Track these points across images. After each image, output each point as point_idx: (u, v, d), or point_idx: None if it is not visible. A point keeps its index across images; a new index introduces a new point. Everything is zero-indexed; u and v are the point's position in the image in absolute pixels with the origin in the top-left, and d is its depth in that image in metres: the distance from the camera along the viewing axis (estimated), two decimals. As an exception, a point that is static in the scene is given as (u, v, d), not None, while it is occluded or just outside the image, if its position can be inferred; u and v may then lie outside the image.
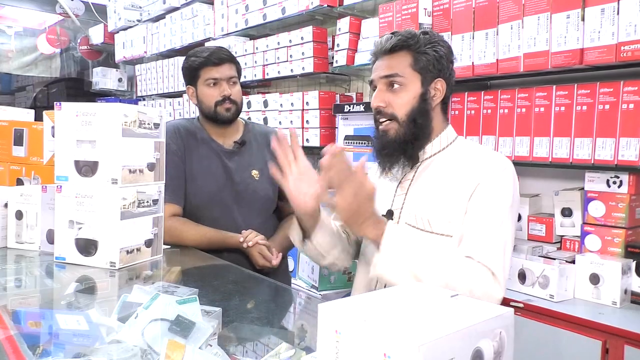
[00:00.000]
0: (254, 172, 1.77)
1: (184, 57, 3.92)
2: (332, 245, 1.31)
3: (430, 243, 1.15)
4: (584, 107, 1.61)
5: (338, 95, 2.73)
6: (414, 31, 1.22)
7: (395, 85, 1.19)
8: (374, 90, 1.24)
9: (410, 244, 1.09)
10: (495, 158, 1.18)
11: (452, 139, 1.25)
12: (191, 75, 1.77)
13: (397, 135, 1.20)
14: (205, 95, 1.74)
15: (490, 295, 1.05)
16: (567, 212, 1.80)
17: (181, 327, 0.79)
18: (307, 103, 2.69)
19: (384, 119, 1.22)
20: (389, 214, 1.27)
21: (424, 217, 1.19)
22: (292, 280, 2.15)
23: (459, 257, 1.09)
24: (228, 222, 1.71)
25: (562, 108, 1.67)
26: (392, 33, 1.24)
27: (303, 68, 2.71)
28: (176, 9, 3.74)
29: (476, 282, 1.05)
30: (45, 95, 5.96)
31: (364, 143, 2.42)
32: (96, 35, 4.99)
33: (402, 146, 1.20)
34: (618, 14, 1.49)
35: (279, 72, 2.87)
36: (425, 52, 1.19)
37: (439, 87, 1.21)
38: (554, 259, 1.70)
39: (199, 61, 1.73)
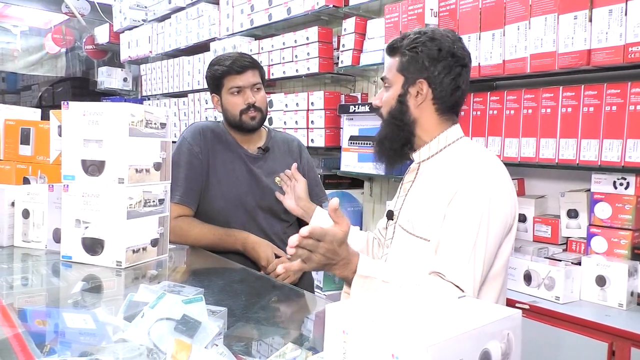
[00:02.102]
0: (278, 179, 1.78)
1: (189, 57, 3.95)
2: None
3: (398, 271, 1.14)
4: (591, 109, 1.61)
5: (343, 95, 2.73)
6: (412, 32, 1.24)
7: (387, 86, 1.26)
8: None
9: (378, 278, 1.09)
10: (478, 168, 1.14)
11: (451, 141, 1.22)
12: (215, 84, 1.77)
13: (380, 133, 1.29)
14: (230, 103, 1.74)
15: None
16: (573, 214, 1.79)
17: (187, 326, 0.79)
18: (312, 103, 2.69)
19: (380, 117, 1.30)
20: (390, 215, 1.30)
21: (410, 220, 1.20)
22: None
23: (426, 281, 1.10)
24: (254, 228, 1.72)
25: (569, 109, 1.66)
26: (402, 34, 1.27)
27: (308, 68, 2.71)
28: (181, 8, 3.75)
29: None
30: (51, 95, 5.98)
31: (369, 144, 2.41)
32: (101, 34, 5.00)
33: (384, 143, 1.27)
34: (626, 14, 1.49)
35: (284, 72, 2.87)
36: (405, 53, 1.21)
37: (422, 88, 1.20)
38: (560, 260, 1.69)
39: (221, 70, 1.73)
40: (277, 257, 1.67)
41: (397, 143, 1.25)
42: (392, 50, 1.25)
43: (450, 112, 1.24)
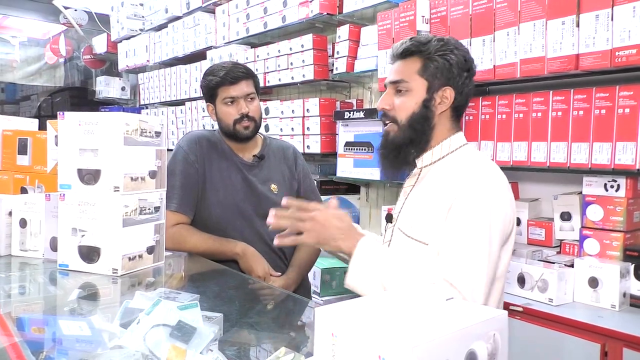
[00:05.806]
0: (273, 186, 1.80)
1: (186, 66, 3.97)
2: None
3: (401, 257, 1.15)
4: (581, 112, 1.63)
5: (338, 102, 2.75)
6: (430, 37, 1.22)
7: (402, 90, 1.21)
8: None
9: (380, 259, 1.11)
10: (478, 174, 1.15)
11: (455, 147, 1.22)
12: (209, 93, 1.79)
13: (395, 138, 1.23)
14: (224, 113, 1.76)
15: None
16: (566, 216, 1.81)
17: (182, 332, 0.80)
18: (307, 110, 2.71)
19: (388, 121, 1.25)
20: (389, 218, 1.30)
21: (409, 223, 1.21)
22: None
23: (428, 274, 1.09)
24: (252, 235, 1.73)
25: (559, 113, 1.68)
26: (410, 38, 1.24)
27: (303, 75, 2.74)
28: (178, 18, 3.77)
29: None
30: (50, 105, 6.01)
31: (365, 149, 2.43)
32: (99, 44, 5.03)
33: (398, 148, 1.23)
34: (612, 20, 1.51)
35: (279, 79, 2.89)
36: (435, 59, 1.19)
37: (446, 95, 1.20)
38: (554, 262, 1.71)
39: (215, 80, 1.75)
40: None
41: (416, 148, 1.23)
42: (409, 53, 1.21)
43: (459, 119, 1.26)
